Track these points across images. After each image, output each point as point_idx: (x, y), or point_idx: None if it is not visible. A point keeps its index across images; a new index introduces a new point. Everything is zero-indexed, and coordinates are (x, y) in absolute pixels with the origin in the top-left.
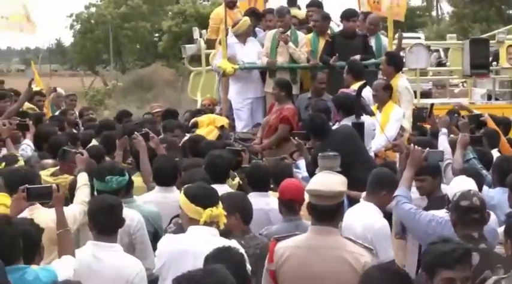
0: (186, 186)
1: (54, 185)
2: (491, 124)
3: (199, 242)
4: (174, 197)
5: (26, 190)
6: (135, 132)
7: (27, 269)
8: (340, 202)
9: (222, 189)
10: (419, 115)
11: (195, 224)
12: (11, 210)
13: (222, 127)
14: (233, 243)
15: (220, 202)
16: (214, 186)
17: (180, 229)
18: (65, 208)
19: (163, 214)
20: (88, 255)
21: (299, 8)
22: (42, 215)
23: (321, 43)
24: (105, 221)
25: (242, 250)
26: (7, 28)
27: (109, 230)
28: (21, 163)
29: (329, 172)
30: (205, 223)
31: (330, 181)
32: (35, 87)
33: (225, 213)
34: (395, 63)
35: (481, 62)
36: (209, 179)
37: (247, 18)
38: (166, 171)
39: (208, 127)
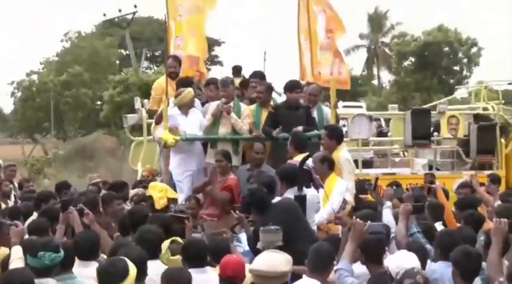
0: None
1: None
2: (440, 195)
3: None
4: (90, 272)
5: None
6: (70, 207)
7: None
8: (284, 283)
9: (153, 264)
10: (362, 188)
11: None
12: None
13: (169, 201)
14: None
15: (123, 281)
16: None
17: None
18: None
19: None
20: None
21: (244, 78)
22: None
23: (264, 114)
24: None
25: None
26: None
27: None
28: None
29: (273, 251)
30: None
31: (273, 261)
32: None
33: None
34: (337, 136)
35: (422, 132)
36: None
37: (190, 89)
38: (85, 245)
39: (160, 193)
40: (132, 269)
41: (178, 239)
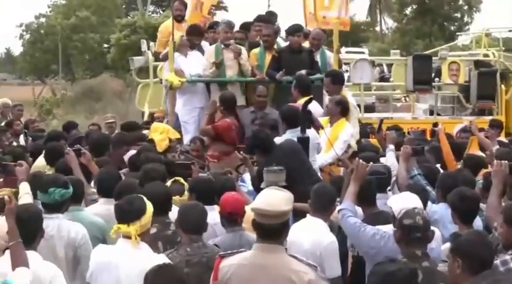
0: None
1: (6, 197)
2: (442, 138)
3: (122, 255)
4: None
5: None
6: (68, 148)
7: None
8: (285, 221)
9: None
10: (364, 131)
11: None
12: None
13: (171, 141)
14: (160, 257)
15: (139, 219)
16: None
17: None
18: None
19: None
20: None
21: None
22: None
23: (268, 57)
24: (21, 233)
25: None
26: None
27: (25, 240)
28: None
29: (275, 189)
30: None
31: (275, 199)
32: None
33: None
34: (340, 80)
35: (424, 78)
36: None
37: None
38: (108, 183)
39: (161, 135)
40: (149, 207)
41: (181, 179)
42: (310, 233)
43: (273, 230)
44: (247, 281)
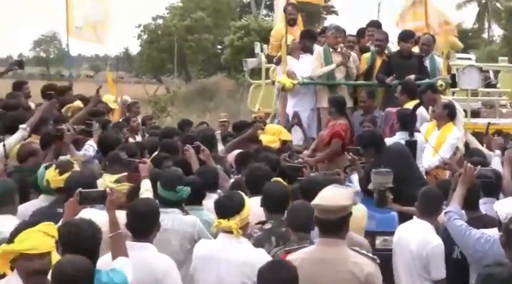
0: None
1: (108, 189)
2: None
3: (223, 249)
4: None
5: (79, 193)
6: (187, 145)
7: (101, 272)
8: (345, 215)
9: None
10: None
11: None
12: (66, 212)
13: (284, 143)
14: (259, 252)
15: (239, 213)
16: (253, 198)
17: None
18: (119, 212)
19: None
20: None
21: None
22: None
23: (378, 62)
24: (139, 226)
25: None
26: (85, 39)
27: (142, 233)
28: (75, 169)
29: (336, 186)
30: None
31: (334, 195)
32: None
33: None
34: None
35: None
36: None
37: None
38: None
39: (272, 137)
40: (248, 203)
41: (280, 179)
42: (417, 235)
43: (332, 224)
44: (310, 275)
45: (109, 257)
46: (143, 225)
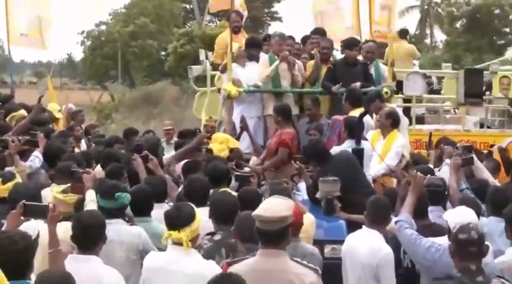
0: None
1: (51, 204)
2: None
3: (173, 261)
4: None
5: (23, 206)
6: (134, 154)
7: None
8: (284, 226)
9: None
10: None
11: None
12: (7, 224)
13: (232, 150)
14: (209, 263)
15: (189, 225)
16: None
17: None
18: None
19: None
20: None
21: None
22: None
23: (323, 69)
24: (84, 238)
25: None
26: (29, 45)
27: (88, 245)
28: (18, 179)
29: (277, 197)
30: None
31: (274, 206)
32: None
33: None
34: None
35: (475, 91)
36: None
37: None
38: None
39: (221, 145)
40: (198, 214)
41: (228, 189)
42: (367, 244)
43: (273, 235)
44: None
45: None
46: (88, 237)
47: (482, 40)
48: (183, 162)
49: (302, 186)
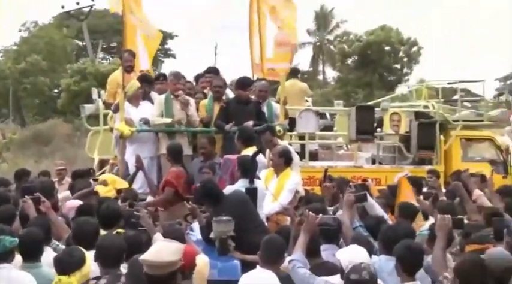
0: None
1: None
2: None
3: None
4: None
5: None
6: (25, 196)
7: None
8: (173, 271)
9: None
10: None
11: None
12: None
13: (119, 191)
14: None
15: (80, 269)
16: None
17: None
18: None
19: None
20: None
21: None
22: None
23: (216, 108)
24: None
25: None
26: None
27: None
28: None
29: (167, 241)
30: None
31: (161, 251)
32: None
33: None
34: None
35: (366, 128)
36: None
37: (135, 81)
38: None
39: (107, 187)
40: (88, 259)
41: (120, 230)
42: None
43: (161, 280)
44: None
45: None
46: None
47: (374, 76)
48: (75, 204)
49: (196, 226)
